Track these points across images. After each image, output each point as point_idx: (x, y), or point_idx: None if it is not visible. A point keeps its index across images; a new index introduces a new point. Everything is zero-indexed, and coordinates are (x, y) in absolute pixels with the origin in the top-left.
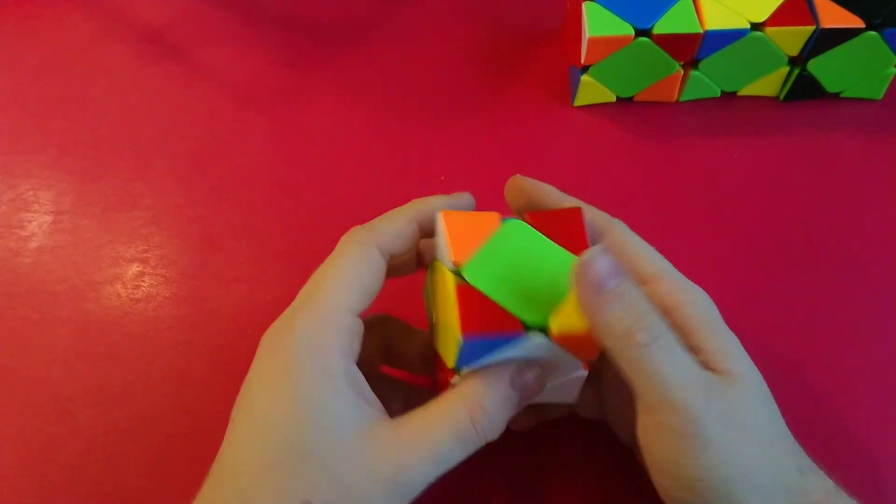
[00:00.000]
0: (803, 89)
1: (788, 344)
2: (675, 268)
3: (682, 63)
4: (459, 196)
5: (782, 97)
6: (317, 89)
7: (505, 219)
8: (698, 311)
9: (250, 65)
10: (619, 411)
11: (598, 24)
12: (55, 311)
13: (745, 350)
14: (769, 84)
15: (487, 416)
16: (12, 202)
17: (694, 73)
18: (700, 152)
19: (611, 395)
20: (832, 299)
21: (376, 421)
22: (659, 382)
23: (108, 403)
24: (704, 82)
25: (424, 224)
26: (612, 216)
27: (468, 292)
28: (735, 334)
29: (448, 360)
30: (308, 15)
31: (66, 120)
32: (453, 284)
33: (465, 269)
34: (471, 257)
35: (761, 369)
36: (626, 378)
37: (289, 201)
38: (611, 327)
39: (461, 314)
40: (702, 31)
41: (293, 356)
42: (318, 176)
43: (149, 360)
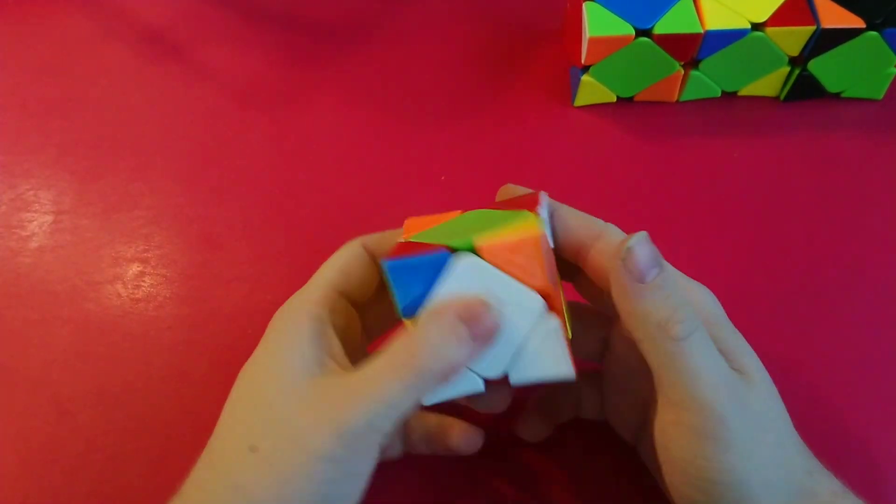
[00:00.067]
0: (804, 89)
1: (788, 344)
2: (677, 268)
3: (683, 63)
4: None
5: (783, 97)
6: (317, 89)
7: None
8: (704, 309)
9: (250, 65)
10: (621, 411)
11: (598, 24)
12: (55, 311)
13: None
14: (769, 84)
15: (432, 350)
16: (12, 202)
17: (694, 73)
18: (700, 152)
19: (613, 396)
20: (832, 299)
21: (335, 373)
22: (689, 379)
23: (108, 403)
24: (705, 82)
25: None
26: (612, 216)
27: (405, 244)
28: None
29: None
30: (308, 15)
31: (66, 120)
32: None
33: (412, 237)
34: (420, 232)
35: None
36: (653, 371)
37: (289, 201)
38: (648, 317)
39: (391, 253)
40: (702, 31)
41: (273, 323)
42: (318, 176)
43: (149, 360)
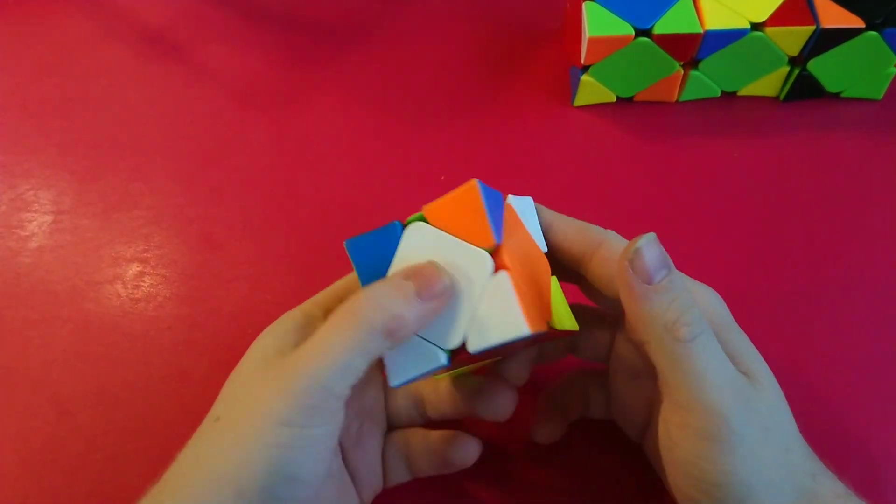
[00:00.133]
0: (803, 89)
1: (788, 344)
2: (678, 269)
3: (683, 63)
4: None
5: (782, 97)
6: (317, 89)
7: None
8: (709, 311)
9: (250, 65)
10: (627, 411)
11: (598, 24)
12: (55, 311)
13: None
14: (769, 84)
15: (373, 303)
16: (12, 202)
17: (694, 73)
18: (700, 152)
19: (619, 396)
20: (832, 299)
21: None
22: (694, 381)
23: (108, 403)
24: (704, 82)
25: None
26: (613, 215)
27: None
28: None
29: None
30: (308, 15)
31: (66, 120)
32: None
33: None
34: None
35: None
36: (660, 373)
37: (289, 201)
38: (655, 319)
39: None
40: (702, 31)
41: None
42: (318, 176)
43: (149, 360)
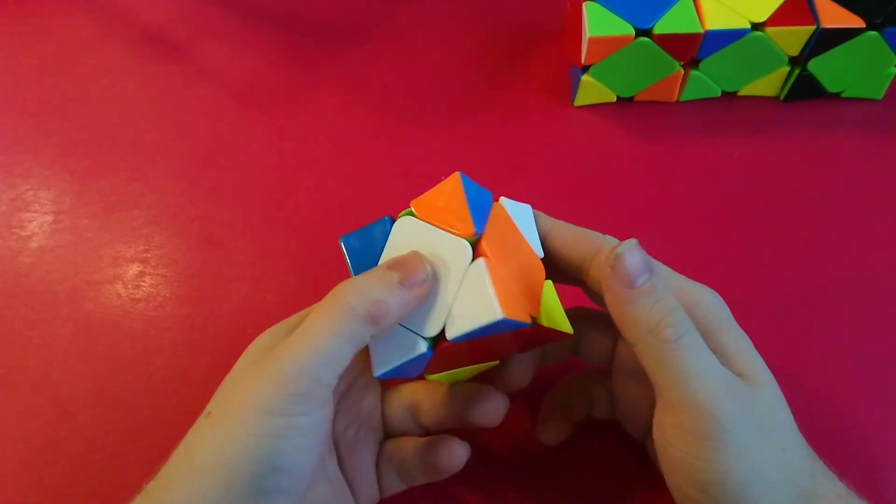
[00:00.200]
0: (804, 89)
1: (788, 343)
2: (676, 269)
3: (683, 63)
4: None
5: (783, 97)
6: (317, 89)
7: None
8: (710, 313)
9: (250, 65)
10: (631, 411)
11: (598, 23)
12: (55, 311)
13: None
14: (769, 84)
15: (356, 291)
16: (12, 202)
17: (694, 72)
18: (700, 152)
19: (623, 395)
20: (832, 299)
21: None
22: (682, 381)
23: (108, 403)
24: (705, 82)
25: None
26: (612, 215)
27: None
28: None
29: None
30: (308, 15)
31: (66, 120)
32: None
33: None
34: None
35: None
36: (649, 375)
37: (289, 201)
38: (639, 321)
39: None
40: (702, 31)
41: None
42: (318, 176)
43: (149, 360)
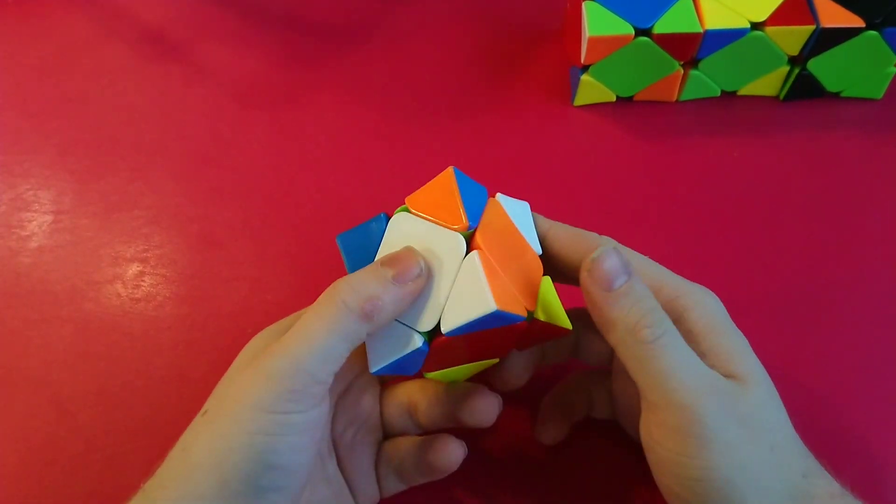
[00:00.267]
0: (803, 89)
1: (788, 343)
2: (676, 269)
3: (682, 62)
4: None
5: (782, 97)
6: (317, 89)
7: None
8: (705, 314)
9: (250, 64)
10: (631, 411)
11: (598, 23)
12: (55, 311)
13: None
14: (769, 83)
15: (350, 287)
16: (12, 202)
17: (694, 72)
18: (700, 152)
19: (623, 396)
20: (832, 299)
21: None
22: (662, 380)
23: (108, 403)
24: (704, 82)
25: None
26: (612, 215)
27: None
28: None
29: None
30: (308, 15)
31: (66, 120)
32: None
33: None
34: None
35: None
36: (631, 375)
37: (289, 201)
38: (617, 323)
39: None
40: (702, 30)
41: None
42: (318, 176)
43: (149, 360)
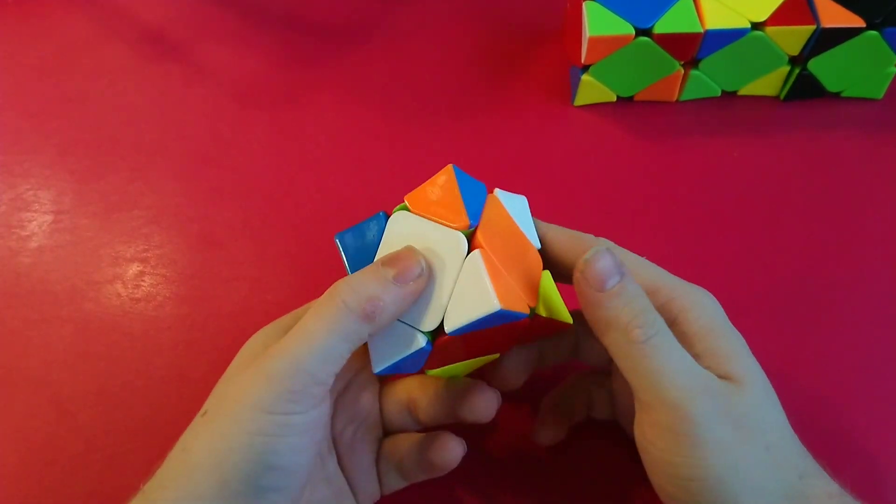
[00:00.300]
0: (804, 89)
1: (788, 343)
2: (676, 269)
3: (683, 62)
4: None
5: (783, 97)
6: (317, 89)
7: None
8: (702, 315)
9: (250, 64)
10: (631, 412)
11: (598, 23)
12: (55, 311)
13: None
14: (769, 83)
15: (350, 287)
16: (12, 202)
17: (694, 72)
18: (700, 152)
19: (623, 396)
20: (832, 299)
21: None
22: (654, 380)
23: (108, 403)
24: (705, 82)
25: None
26: (612, 215)
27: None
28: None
29: None
30: (308, 15)
31: (66, 120)
32: None
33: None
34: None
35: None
36: (625, 376)
37: (289, 201)
38: (610, 323)
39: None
40: (702, 30)
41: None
42: (318, 176)
43: (149, 360)
